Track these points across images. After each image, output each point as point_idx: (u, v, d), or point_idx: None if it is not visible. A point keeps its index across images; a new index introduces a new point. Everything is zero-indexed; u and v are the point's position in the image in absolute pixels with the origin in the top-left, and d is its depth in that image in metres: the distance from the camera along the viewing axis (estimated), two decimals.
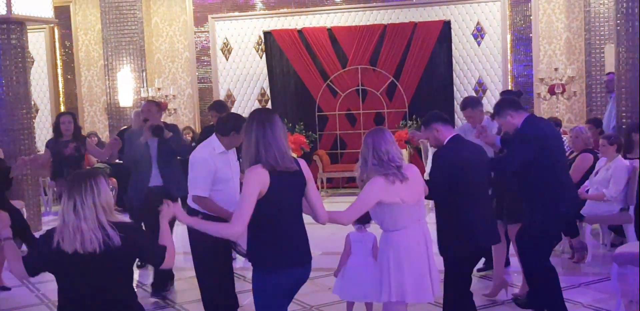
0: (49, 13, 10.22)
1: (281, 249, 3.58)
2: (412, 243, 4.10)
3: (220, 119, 5.35)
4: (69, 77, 13.95)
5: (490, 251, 6.01)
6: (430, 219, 4.58)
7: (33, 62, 13.49)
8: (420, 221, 4.19)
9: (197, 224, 3.64)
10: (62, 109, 13.78)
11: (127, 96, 12.40)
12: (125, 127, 10.82)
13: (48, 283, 6.28)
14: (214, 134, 5.05)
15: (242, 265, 7.00)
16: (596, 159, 7.28)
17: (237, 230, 3.48)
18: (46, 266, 3.31)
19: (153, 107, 6.53)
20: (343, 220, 3.99)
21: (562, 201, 4.91)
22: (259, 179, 3.47)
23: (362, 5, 12.74)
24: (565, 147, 9.04)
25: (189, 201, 4.95)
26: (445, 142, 4.54)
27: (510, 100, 5.15)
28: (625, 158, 7.24)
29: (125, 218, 3.77)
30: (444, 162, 4.47)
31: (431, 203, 5.18)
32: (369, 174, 4.09)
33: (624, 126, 8.15)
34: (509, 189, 5.47)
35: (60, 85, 14.00)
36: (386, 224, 4.13)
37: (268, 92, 13.15)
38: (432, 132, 4.58)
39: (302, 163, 3.72)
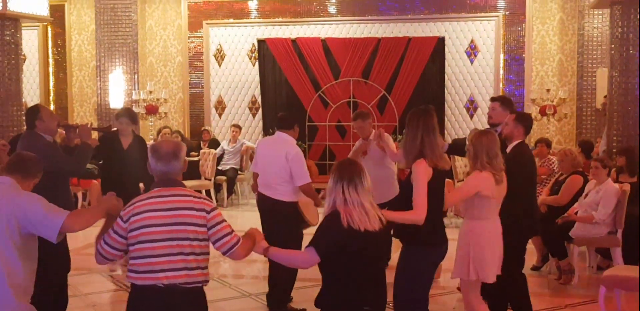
0: (45, 11, 10.18)
1: (434, 230, 4.23)
2: (491, 232, 4.70)
3: (280, 117, 5.92)
4: (60, 76, 13.86)
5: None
6: None
7: (25, 59, 13.37)
8: (496, 215, 4.77)
9: (390, 217, 3.95)
10: (52, 108, 13.67)
11: (117, 97, 12.36)
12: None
13: None
14: (277, 131, 5.74)
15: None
16: (586, 181, 7.31)
17: (421, 216, 4.08)
18: (335, 245, 3.47)
19: None
20: (449, 202, 4.58)
21: None
22: (428, 173, 4.15)
23: (357, 17, 12.78)
24: (554, 168, 9.12)
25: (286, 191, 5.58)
26: None
27: None
28: (615, 181, 7.28)
29: None
30: None
31: None
32: (477, 168, 4.65)
33: (614, 150, 8.21)
34: None
35: (51, 84, 13.88)
36: (473, 213, 4.71)
37: (259, 100, 13.13)
38: None
39: None
